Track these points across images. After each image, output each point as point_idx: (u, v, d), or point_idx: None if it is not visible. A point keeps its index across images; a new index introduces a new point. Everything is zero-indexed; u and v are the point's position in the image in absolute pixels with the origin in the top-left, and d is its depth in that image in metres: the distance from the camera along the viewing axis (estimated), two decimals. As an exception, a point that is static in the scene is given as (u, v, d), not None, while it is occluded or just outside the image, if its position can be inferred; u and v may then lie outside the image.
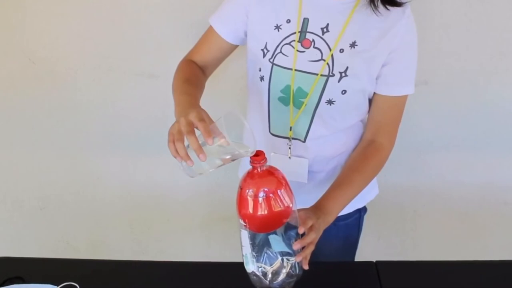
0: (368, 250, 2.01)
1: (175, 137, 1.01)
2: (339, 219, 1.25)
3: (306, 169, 1.37)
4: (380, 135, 1.33)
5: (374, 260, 1.37)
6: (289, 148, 1.35)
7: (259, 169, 1.02)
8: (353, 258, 1.62)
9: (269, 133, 1.36)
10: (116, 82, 1.79)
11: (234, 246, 2.13)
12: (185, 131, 1.00)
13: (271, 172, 1.04)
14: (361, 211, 1.53)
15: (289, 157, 1.36)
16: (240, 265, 1.15)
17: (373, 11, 1.20)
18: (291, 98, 1.28)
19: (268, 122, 1.35)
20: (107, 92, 1.81)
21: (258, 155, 1.02)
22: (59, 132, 1.90)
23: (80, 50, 1.74)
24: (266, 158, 1.02)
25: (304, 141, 1.34)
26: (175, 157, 1.03)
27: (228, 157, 1.04)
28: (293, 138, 1.34)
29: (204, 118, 1.02)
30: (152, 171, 1.97)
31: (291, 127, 1.32)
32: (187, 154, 1.01)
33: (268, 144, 1.38)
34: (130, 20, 1.68)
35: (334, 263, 1.37)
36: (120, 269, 1.37)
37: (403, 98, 1.31)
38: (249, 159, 1.02)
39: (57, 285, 1.25)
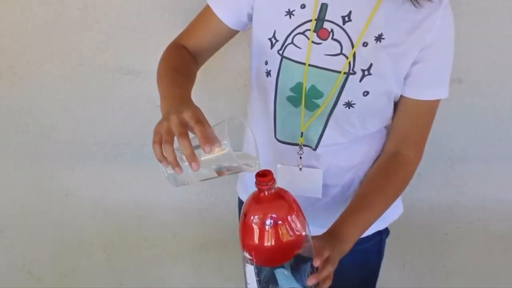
0: (392, 281, 2.01)
1: (164, 138, 1.00)
2: (356, 243, 1.25)
3: (320, 182, 1.37)
4: (406, 146, 1.34)
5: None
6: (300, 157, 1.35)
7: (266, 192, 1.02)
8: (374, 288, 1.62)
9: (275, 139, 1.36)
10: (88, 79, 1.78)
11: (229, 277, 2.13)
12: (176, 132, 0.99)
13: (281, 195, 1.04)
14: (383, 234, 1.53)
15: (300, 168, 1.36)
16: None
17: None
18: (303, 98, 1.28)
19: (273, 126, 1.35)
20: (77, 91, 1.80)
21: (266, 176, 1.01)
22: (20, 139, 1.89)
23: (45, 41, 1.73)
24: (275, 180, 1.02)
25: (315, 149, 1.34)
26: (160, 162, 1.02)
27: (224, 169, 1.04)
28: (304, 146, 1.34)
29: (202, 119, 1.02)
30: (131, 185, 1.97)
31: (302, 133, 1.32)
32: (176, 160, 1.00)
33: (274, 152, 1.38)
34: (105, 6, 1.68)
35: None
36: None
37: (435, 103, 1.31)
38: (255, 180, 1.02)
39: (18, 325, 1.25)
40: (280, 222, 1.02)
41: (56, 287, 1.39)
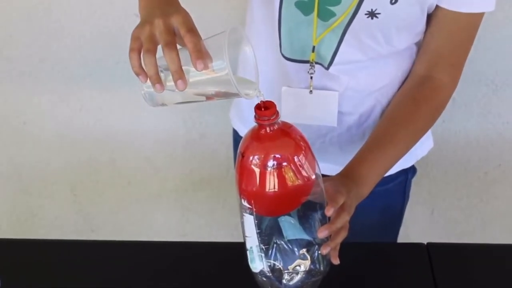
0: (417, 228, 2.03)
1: (145, 46, 0.98)
2: (377, 184, 1.26)
3: (335, 107, 1.37)
4: (439, 68, 1.33)
5: (425, 241, 1.39)
6: (311, 77, 1.35)
7: (268, 129, 1.01)
8: (395, 238, 1.65)
9: (280, 55, 1.35)
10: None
11: (222, 223, 2.15)
12: (162, 41, 0.97)
13: (285, 131, 1.03)
14: (408, 173, 1.54)
15: (310, 90, 1.36)
16: (229, 247, 1.17)
17: None
18: (316, 4, 1.26)
19: (278, 38, 1.33)
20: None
21: (268, 108, 1.00)
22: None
23: None
24: (278, 113, 1.01)
25: (328, 68, 1.34)
26: (136, 75, 1.00)
27: (214, 94, 1.03)
28: (316, 63, 1.34)
29: (194, 28, 0.99)
30: (103, 111, 1.98)
31: (314, 47, 1.32)
32: (158, 75, 0.97)
33: (278, 71, 1.37)
34: None
35: (368, 245, 1.39)
36: (59, 253, 1.38)
37: (478, 17, 1.29)
38: (254, 114, 1.01)
39: (-34, 277, 1.27)
40: (285, 163, 1.02)
41: (14, 234, 1.41)
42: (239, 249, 1.11)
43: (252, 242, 1.08)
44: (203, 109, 1.92)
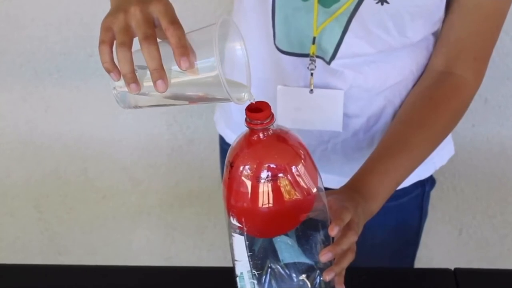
0: (442, 251, 2.03)
1: (118, 38, 0.97)
2: (389, 198, 1.26)
3: (340, 108, 1.38)
4: (461, 63, 1.34)
5: (452, 267, 1.40)
6: (311, 73, 1.36)
7: (261, 134, 1.02)
8: (412, 262, 1.67)
9: (274, 48, 1.36)
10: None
11: (211, 242, 2.15)
12: (140, 33, 0.96)
13: (282, 137, 1.04)
14: (425, 185, 1.55)
15: (311, 89, 1.37)
16: (221, 273, 1.17)
17: None
18: None
19: (272, 28, 1.34)
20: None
21: (261, 110, 1.00)
22: None
23: None
24: (273, 115, 1.01)
25: (329, 63, 1.34)
26: (107, 71, 0.98)
27: (198, 96, 1.03)
28: (317, 57, 1.34)
29: (177, 19, 0.98)
30: (74, 113, 1.99)
31: (314, 39, 1.32)
32: (134, 73, 0.97)
33: (272, 67, 1.38)
34: None
35: (380, 270, 1.40)
36: (21, 280, 1.39)
37: (507, 3, 1.30)
38: (245, 116, 1.01)
39: None
40: (281, 174, 1.02)
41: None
42: (232, 274, 1.10)
43: (243, 267, 1.08)
44: (190, 111, 1.93)
